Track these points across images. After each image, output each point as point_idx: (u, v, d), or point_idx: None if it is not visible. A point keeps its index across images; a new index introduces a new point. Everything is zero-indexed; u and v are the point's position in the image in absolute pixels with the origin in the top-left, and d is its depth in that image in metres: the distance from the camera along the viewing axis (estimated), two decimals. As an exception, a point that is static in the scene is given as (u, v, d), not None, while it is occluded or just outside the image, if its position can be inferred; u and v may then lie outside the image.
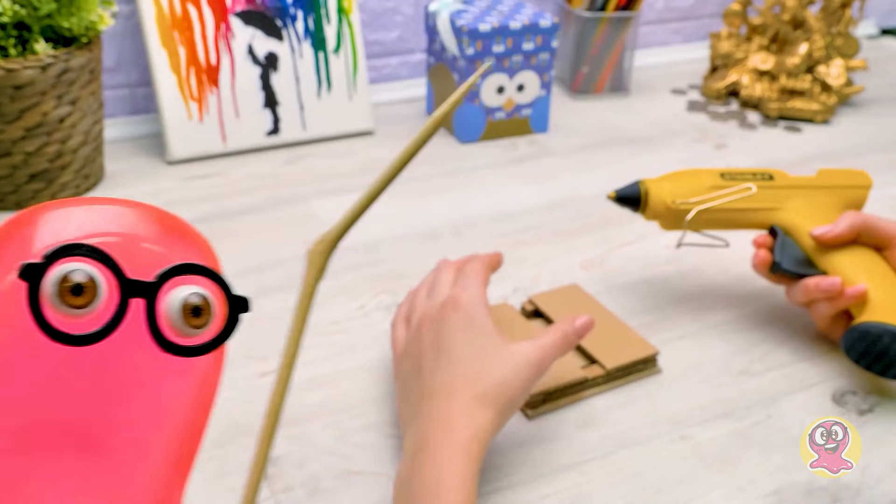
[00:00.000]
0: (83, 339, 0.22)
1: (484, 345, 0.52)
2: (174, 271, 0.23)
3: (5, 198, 0.81)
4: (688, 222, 0.66)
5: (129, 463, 0.24)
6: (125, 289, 0.22)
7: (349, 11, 0.98)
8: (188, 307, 0.23)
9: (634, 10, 1.10)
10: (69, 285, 0.21)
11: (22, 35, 0.78)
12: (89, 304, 0.22)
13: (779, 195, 0.67)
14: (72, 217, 0.24)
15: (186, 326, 0.23)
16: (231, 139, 0.94)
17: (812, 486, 0.53)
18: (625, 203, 0.67)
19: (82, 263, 0.22)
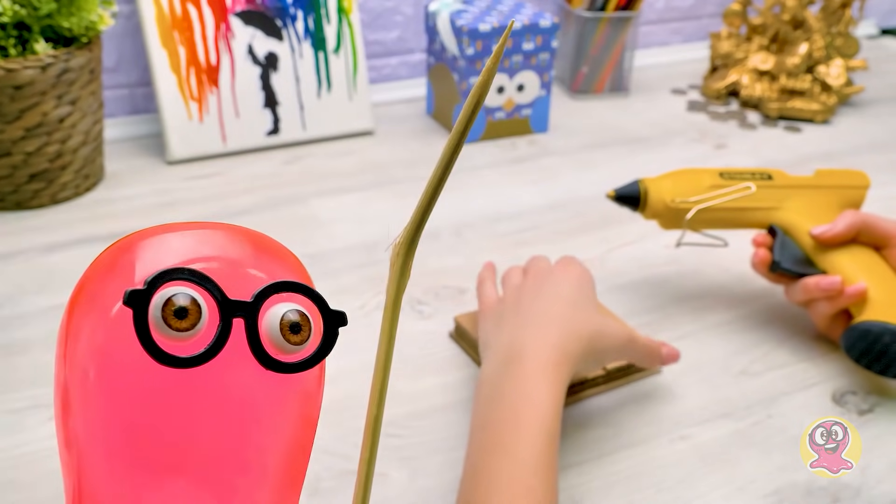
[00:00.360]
0: (190, 361, 0.22)
1: (587, 300, 0.57)
2: (271, 289, 0.24)
3: (5, 198, 0.81)
4: (687, 221, 0.66)
5: (244, 482, 0.25)
6: (225, 309, 0.23)
7: (349, 11, 0.98)
8: (286, 324, 0.24)
9: (634, 10, 1.11)
10: (173, 309, 0.22)
11: (22, 35, 0.78)
12: (193, 327, 0.22)
13: (778, 194, 0.67)
14: (169, 243, 0.25)
15: (286, 343, 0.24)
16: (231, 139, 0.94)
17: (812, 486, 0.53)
18: (624, 202, 0.67)
19: (184, 287, 0.22)
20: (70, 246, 0.77)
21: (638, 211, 0.67)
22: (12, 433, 0.56)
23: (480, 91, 0.22)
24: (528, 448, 0.47)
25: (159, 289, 0.22)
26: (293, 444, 0.26)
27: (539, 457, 0.47)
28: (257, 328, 0.23)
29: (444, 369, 0.63)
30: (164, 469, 0.24)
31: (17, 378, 0.60)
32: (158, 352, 0.22)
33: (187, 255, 0.24)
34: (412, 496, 0.52)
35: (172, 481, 0.24)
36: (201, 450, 0.24)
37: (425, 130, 1.03)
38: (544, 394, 0.49)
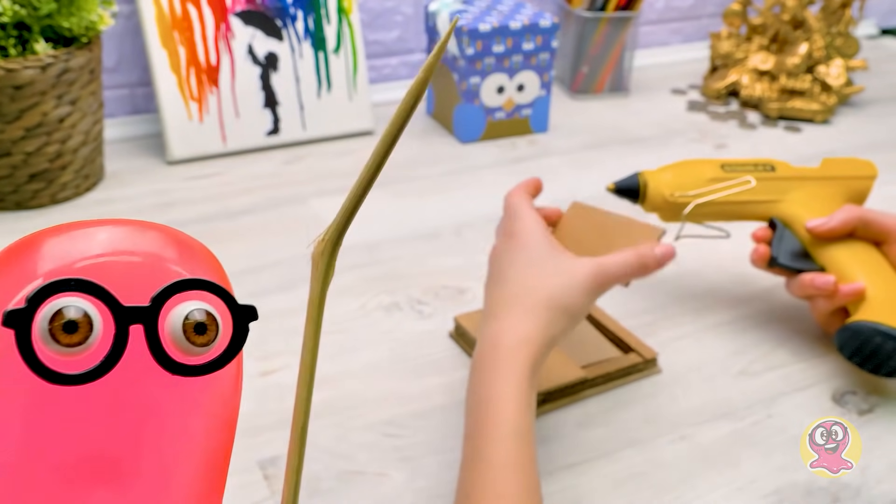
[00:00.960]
0: (82, 378, 0.21)
1: (538, 260, 0.54)
2: (171, 290, 0.22)
3: (5, 198, 0.81)
4: (686, 215, 0.65)
5: (161, 488, 0.24)
6: (121, 317, 0.21)
7: (349, 11, 0.98)
8: (191, 325, 0.22)
9: (634, 10, 1.10)
10: (61, 322, 0.20)
11: (22, 35, 0.78)
12: (85, 340, 0.21)
13: (780, 186, 0.66)
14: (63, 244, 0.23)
15: (191, 345, 0.22)
16: (231, 139, 0.94)
17: (812, 486, 0.53)
18: (624, 195, 0.67)
19: (72, 298, 0.21)
20: (70, 246, 0.77)
21: (638, 203, 0.67)
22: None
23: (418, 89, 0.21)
24: (498, 453, 0.46)
25: (46, 302, 0.20)
26: (210, 449, 0.25)
27: (509, 460, 0.45)
28: (158, 333, 0.22)
29: (444, 369, 0.63)
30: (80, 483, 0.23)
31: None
32: (45, 370, 0.20)
33: (82, 254, 0.23)
34: (411, 496, 0.52)
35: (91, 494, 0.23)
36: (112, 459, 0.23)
37: (425, 130, 1.03)
38: (508, 393, 0.48)
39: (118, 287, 0.21)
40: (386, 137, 0.21)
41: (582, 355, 0.63)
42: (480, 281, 0.73)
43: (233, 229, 0.80)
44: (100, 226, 0.24)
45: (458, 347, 0.66)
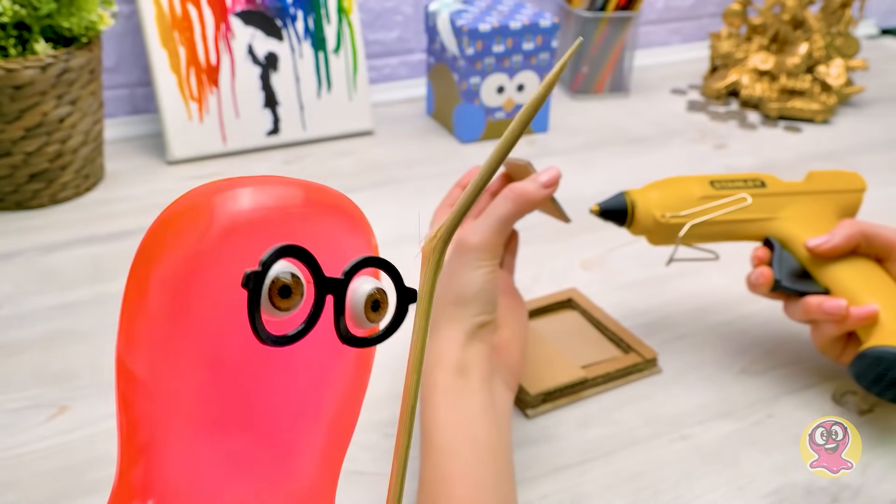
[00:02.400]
0: (288, 340, 0.22)
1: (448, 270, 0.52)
2: (359, 265, 0.23)
3: (5, 198, 0.81)
4: (679, 239, 0.60)
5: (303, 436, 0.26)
6: (320, 287, 0.23)
7: (349, 11, 0.98)
8: (370, 301, 0.24)
9: (634, 10, 1.10)
10: (278, 287, 0.22)
11: (22, 35, 0.78)
12: (294, 306, 0.22)
13: (773, 203, 0.62)
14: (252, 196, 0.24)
15: (366, 320, 0.24)
16: (231, 139, 0.94)
17: (812, 486, 0.53)
18: (609, 217, 0.61)
19: (291, 264, 0.22)
20: (70, 246, 0.77)
21: (625, 227, 0.61)
22: (12, 433, 0.56)
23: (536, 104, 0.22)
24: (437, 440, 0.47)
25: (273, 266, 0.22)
26: (347, 405, 0.27)
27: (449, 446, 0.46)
28: (344, 306, 0.23)
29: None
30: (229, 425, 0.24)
31: (17, 378, 0.60)
32: (264, 333, 0.22)
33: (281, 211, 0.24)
34: (411, 496, 0.52)
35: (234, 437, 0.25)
36: (267, 409, 0.25)
37: (425, 130, 1.03)
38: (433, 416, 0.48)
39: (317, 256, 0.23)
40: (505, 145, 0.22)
41: (582, 355, 0.63)
42: (480, 281, 0.73)
43: (233, 229, 0.80)
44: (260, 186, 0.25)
45: (458, 347, 0.66)
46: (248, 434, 0.25)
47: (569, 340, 0.65)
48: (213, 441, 0.25)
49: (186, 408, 0.24)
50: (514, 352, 0.54)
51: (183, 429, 0.24)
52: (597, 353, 0.64)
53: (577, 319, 0.68)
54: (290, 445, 0.26)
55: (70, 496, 0.51)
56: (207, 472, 0.25)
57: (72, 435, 0.56)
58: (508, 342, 0.53)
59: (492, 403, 0.49)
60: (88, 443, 0.55)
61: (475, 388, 0.48)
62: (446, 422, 0.47)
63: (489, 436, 0.47)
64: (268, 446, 0.25)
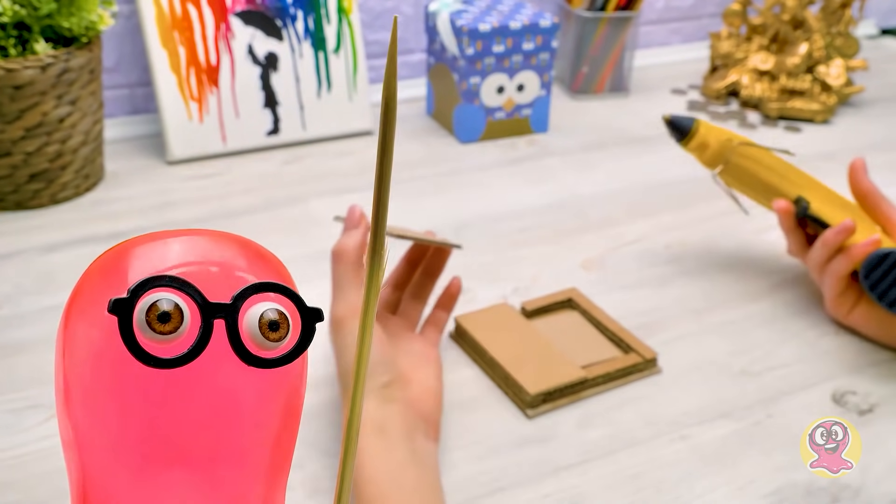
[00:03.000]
0: (173, 362, 0.24)
1: None
2: (249, 290, 0.25)
3: (5, 198, 0.81)
4: (720, 174, 0.71)
5: (234, 471, 0.27)
6: (206, 311, 0.24)
7: (349, 11, 0.98)
8: (265, 322, 0.25)
9: (634, 10, 1.10)
10: (156, 314, 0.24)
11: (22, 35, 0.78)
12: (176, 330, 0.24)
13: (807, 179, 0.71)
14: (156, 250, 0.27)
15: (266, 340, 0.25)
16: (231, 139, 0.94)
17: (812, 486, 0.53)
18: (674, 129, 0.71)
19: (166, 293, 0.24)
20: (70, 246, 0.77)
21: (681, 143, 0.71)
22: (12, 433, 0.56)
23: None
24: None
25: (143, 295, 0.24)
26: (279, 435, 0.28)
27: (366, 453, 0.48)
28: (237, 328, 0.25)
29: (444, 369, 0.63)
30: (159, 461, 0.26)
31: (16, 378, 0.60)
32: (143, 354, 0.24)
33: (173, 262, 0.26)
34: None
35: (168, 472, 0.26)
36: (192, 443, 0.26)
37: (425, 130, 1.03)
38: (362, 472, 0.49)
39: (204, 288, 0.25)
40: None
41: (582, 355, 0.63)
42: (481, 281, 0.73)
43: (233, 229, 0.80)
44: (182, 236, 0.27)
45: (457, 348, 0.66)
46: (180, 468, 0.26)
47: (569, 340, 0.65)
48: (146, 477, 0.26)
49: (118, 447, 0.26)
50: (429, 404, 0.55)
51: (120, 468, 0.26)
52: (597, 353, 0.64)
53: (577, 319, 0.68)
54: (223, 476, 0.27)
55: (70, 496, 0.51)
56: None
57: (72, 435, 0.56)
58: (420, 395, 0.55)
59: (414, 452, 0.50)
60: (88, 443, 0.55)
61: (396, 443, 0.50)
62: (372, 476, 0.48)
63: (416, 480, 0.49)
64: (208, 480, 0.27)
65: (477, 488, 0.53)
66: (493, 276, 0.74)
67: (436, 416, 0.55)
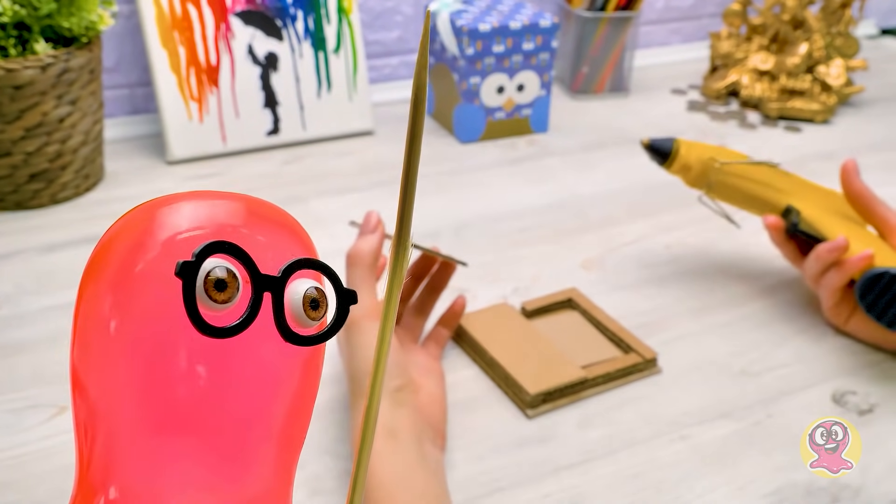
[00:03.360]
0: (226, 332, 0.23)
1: None
2: (296, 266, 0.25)
3: (5, 198, 0.81)
4: (717, 169, 0.69)
5: (249, 441, 0.26)
6: (258, 284, 0.24)
7: (349, 11, 0.98)
8: (308, 299, 0.25)
9: (634, 10, 1.10)
10: (213, 281, 0.23)
11: (22, 35, 0.78)
12: (230, 299, 0.23)
13: (795, 184, 0.70)
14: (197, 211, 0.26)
15: (306, 318, 0.25)
16: (231, 139, 0.94)
17: (812, 486, 0.53)
18: (654, 153, 0.70)
19: (224, 260, 0.23)
20: (70, 246, 0.77)
21: (664, 166, 0.71)
22: (12, 433, 0.56)
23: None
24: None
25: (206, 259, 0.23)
26: (297, 409, 0.28)
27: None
28: (283, 302, 0.25)
29: (444, 369, 0.63)
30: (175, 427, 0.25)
31: (17, 378, 0.60)
32: (202, 322, 0.23)
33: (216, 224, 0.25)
34: None
35: (181, 438, 0.25)
36: (211, 409, 0.26)
37: (425, 130, 1.03)
38: None
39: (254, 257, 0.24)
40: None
41: (582, 355, 0.63)
42: (481, 281, 0.73)
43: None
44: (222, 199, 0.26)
45: (458, 347, 0.66)
46: (199, 437, 0.26)
47: (569, 340, 0.65)
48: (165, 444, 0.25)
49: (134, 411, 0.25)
50: (437, 412, 0.56)
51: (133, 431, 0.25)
52: (597, 353, 0.64)
53: (577, 319, 0.68)
54: (241, 449, 0.26)
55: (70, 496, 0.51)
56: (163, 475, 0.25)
57: (72, 435, 0.56)
58: (428, 403, 0.56)
59: (423, 457, 0.50)
60: (88, 443, 0.55)
61: (406, 447, 0.50)
62: (382, 478, 0.48)
63: (425, 484, 0.49)
64: (219, 450, 0.26)
65: (477, 488, 0.53)
66: (493, 276, 0.74)
67: (442, 424, 0.55)
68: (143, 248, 0.25)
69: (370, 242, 0.57)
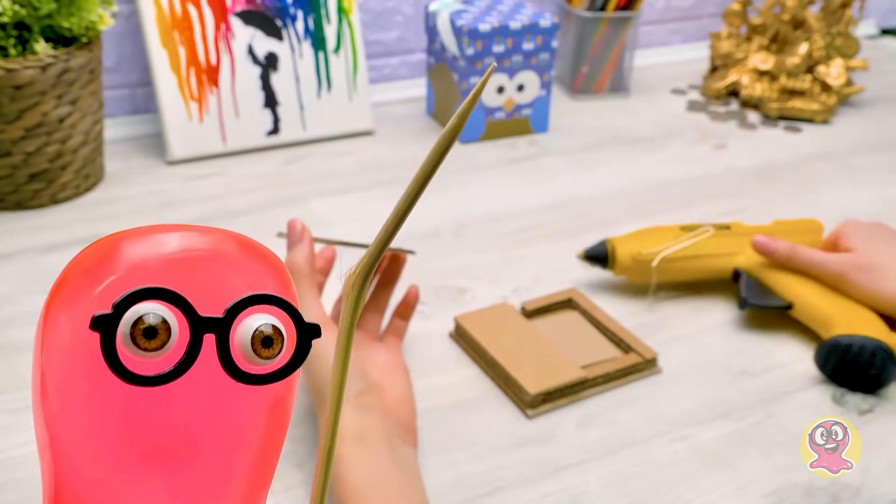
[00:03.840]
0: (156, 380, 0.22)
1: None
2: (244, 303, 0.23)
3: (5, 198, 0.81)
4: (654, 270, 0.69)
5: (215, 481, 0.26)
6: (196, 326, 0.23)
7: (349, 11, 0.98)
8: (258, 337, 0.23)
9: (634, 10, 1.10)
10: (142, 328, 0.22)
11: (22, 35, 0.78)
12: (162, 346, 0.22)
13: (737, 241, 0.71)
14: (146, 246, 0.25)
15: (257, 357, 0.23)
16: (231, 139, 0.94)
17: (812, 486, 0.53)
18: (594, 261, 0.71)
19: (154, 305, 0.22)
20: (70, 246, 0.77)
21: (608, 269, 0.71)
22: (12, 433, 0.56)
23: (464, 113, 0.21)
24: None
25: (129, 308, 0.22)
26: (262, 445, 0.26)
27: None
28: (228, 343, 0.23)
29: (444, 369, 0.63)
30: (134, 463, 0.24)
31: (16, 378, 0.60)
32: (125, 373, 0.22)
33: (163, 261, 0.24)
34: None
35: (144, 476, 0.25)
36: (172, 448, 0.25)
37: (425, 130, 1.03)
38: None
39: (195, 289, 0.23)
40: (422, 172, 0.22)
41: (582, 355, 0.63)
42: (481, 281, 0.73)
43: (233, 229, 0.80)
44: (171, 231, 0.25)
45: (458, 347, 0.66)
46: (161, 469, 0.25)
47: (569, 340, 0.65)
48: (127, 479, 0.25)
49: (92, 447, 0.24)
50: (404, 410, 0.55)
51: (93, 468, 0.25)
52: (597, 353, 0.64)
53: (577, 319, 0.68)
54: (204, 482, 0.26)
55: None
56: None
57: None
58: (394, 402, 0.55)
59: (395, 459, 0.50)
60: (88, 443, 0.55)
61: (376, 450, 0.50)
62: (355, 485, 0.48)
63: (400, 485, 0.49)
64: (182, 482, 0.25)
65: (477, 488, 0.53)
66: (493, 276, 0.74)
67: (412, 421, 0.55)
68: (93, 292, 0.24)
69: (303, 252, 0.56)
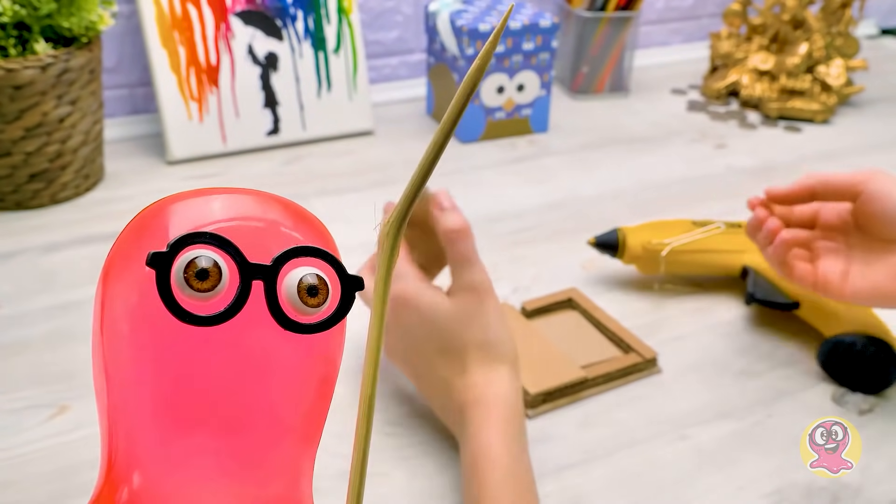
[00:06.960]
0: (209, 320, 0.23)
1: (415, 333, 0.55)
2: (290, 254, 0.25)
3: (5, 198, 0.81)
4: (663, 259, 0.70)
5: (264, 436, 0.26)
6: (245, 272, 0.24)
7: (349, 11, 0.98)
8: (304, 287, 0.24)
9: (634, 10, 1.10)
10: (194, 270, 0.23)
11: (22, 35, 0.78)
12: (213, 288, 0.23)
13: (747, 239, 0.68)
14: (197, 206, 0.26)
15: (304, 305, 0.25)
16: (231, 139, 0.94)
17: (812, 486, 0.53)
18: (604, 248, 0.71)
19: (205, 250, 0.23)
20: (70, 246, 0.77)
21: (617, 256, 0.71)
22: (11, 433, 0.56)
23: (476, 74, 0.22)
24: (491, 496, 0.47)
25: (182, 251, 0.23)
26: (311, 402, 0.27)
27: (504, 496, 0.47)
28: (276, 291, 0.24)
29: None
30: (190, 422, 0.25)
31: (17, 378, 0.60)
32: (179, 310, 0.23)
33: (214, 218, 0.25)
34: (411, 496, 0.52)
35: (197, 433, 0.25)
36: (224, 404, 0.26)
37: (425, 130, 1.03)
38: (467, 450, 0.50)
39: (244, 246, 0.24)
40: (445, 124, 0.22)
41: (582, 355, 0.63)
42: (480, 281, 0.73)
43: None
44: (223, 193, 0.27)
45: (458, 347, 0.66)
46: (215, 431, 0.26)
47: (569, 340, 0.65)
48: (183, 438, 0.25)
49: (150, 406, 0.25)
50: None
51: (152, 425, 0.25)
52: (597, 353, 0.64)
53: (577, 319, 0.68)
54: (252, 438, 0.26)
55: (70, 496, 0.51)
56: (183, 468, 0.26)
57: (72, 435, 0.56)
58: None
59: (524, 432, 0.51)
60: (88, 443, 0.55)
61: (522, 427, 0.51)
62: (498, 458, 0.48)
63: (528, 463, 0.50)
64: (236, 443, 0.26)
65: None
66: (493, 276, 0.74)
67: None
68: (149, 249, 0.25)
69: (461, 214, 0.56)
